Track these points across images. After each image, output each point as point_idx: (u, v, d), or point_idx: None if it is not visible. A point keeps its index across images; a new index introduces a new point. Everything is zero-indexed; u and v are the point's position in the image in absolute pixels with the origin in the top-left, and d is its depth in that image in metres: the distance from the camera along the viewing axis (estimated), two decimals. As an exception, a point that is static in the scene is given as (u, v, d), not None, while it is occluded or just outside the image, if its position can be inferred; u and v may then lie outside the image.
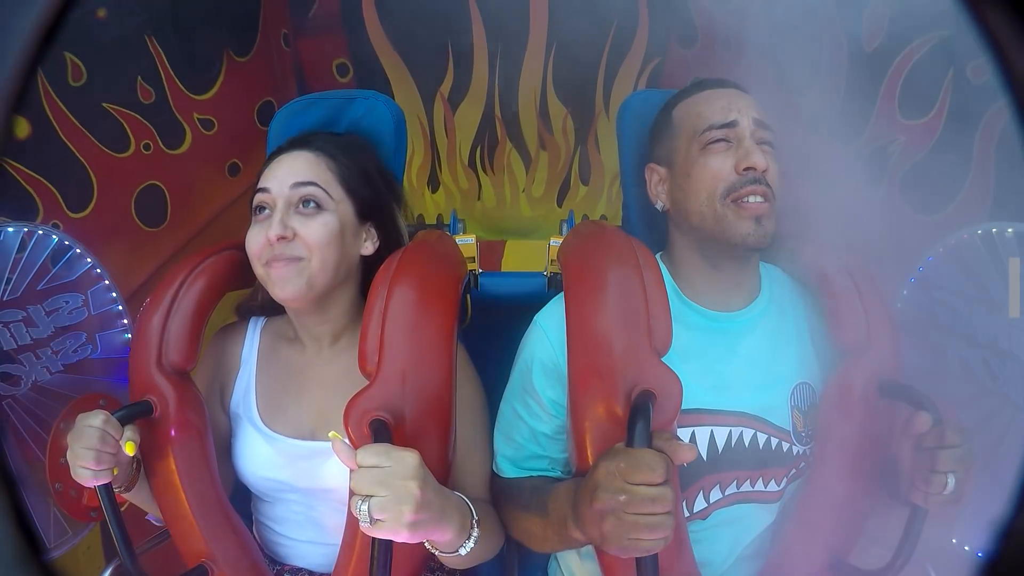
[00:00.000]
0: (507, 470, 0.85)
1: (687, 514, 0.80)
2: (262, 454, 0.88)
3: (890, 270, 0.96)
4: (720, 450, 0.80)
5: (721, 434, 0.80)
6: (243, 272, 0.88)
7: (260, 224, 0.84)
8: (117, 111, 1.30)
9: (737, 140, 0.80)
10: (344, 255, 0.85)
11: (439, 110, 2.00)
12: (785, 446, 0.82)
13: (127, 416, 0.77)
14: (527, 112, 1.98)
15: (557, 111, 1.98)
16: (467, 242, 1.15)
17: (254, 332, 0.94)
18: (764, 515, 0.83)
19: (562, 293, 0.80)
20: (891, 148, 1.11)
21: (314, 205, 0.83)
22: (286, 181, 0.83)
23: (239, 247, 0.87)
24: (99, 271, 1.08)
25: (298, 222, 0.82)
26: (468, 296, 1.04)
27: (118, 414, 0.76)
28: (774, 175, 0.79)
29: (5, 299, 0.97)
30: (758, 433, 0.81)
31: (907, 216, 1.06)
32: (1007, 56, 0.39)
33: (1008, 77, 0.40)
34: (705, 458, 0.80)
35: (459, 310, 0.82)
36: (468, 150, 2.06)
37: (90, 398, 1.04)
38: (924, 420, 0.70)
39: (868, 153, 1.13)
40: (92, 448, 0.72)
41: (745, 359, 0.82)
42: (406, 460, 0.63)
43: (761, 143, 0.80)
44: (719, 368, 0.82)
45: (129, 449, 0.74)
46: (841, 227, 0.83)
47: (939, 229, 0.97)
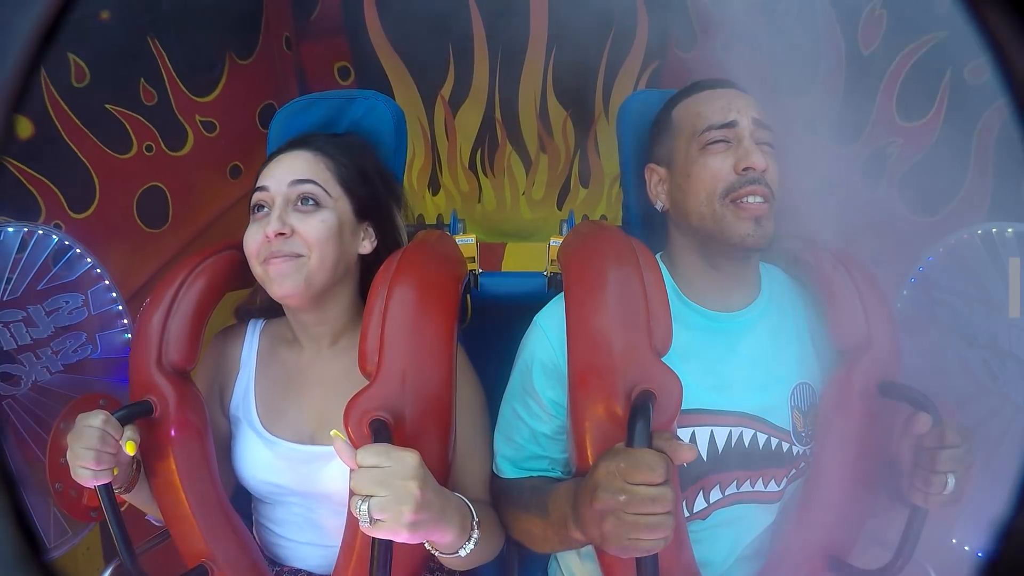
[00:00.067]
0: (507, 470, 0.85)
1: (687, 514, 0.80)
2: (261, 458, 0.87)
3: (890, 270, 0.96)
4: (720, 450, 0.80)
5: (721, 434, 0.80)
6: (243, 272, 0.88)
7: (258, 222, 0.84)
8: (119, 112, 1.31)
9: (736, 140, 0.80)
10: (342, 253, 0.85)
11: (440, 112, 2.00)
12: (785, 446, 0.82)
13: (127, 416, 0.77)
14: (527, 115, 1.98)
15: (557, 114, 1.98)
16: (467, 242, 1.15)
17: (253, 334, 0.94)
18: (764, 515, 0.83)
19: (562, 293, 0.80)
20: (889, 150, 1.12)
21: (312, 203, 0.83)
22: (284, 179, 0.83)
23: (239, 247, 0.87)
24: (99, 271, 1.08)
25: (296, 219, 0.82)
26: (468, 296, 1.04)
27: (118, 414, 0.76)
28: (774, 175, 0.79)
29: (5, 299, 0.97)
30: (758, 433, 0.81)
31: (906, 217, 1.07)
32: (1007, 56, 0.39)
33: (1008, 77, 0.40)
34: (705, 458, 0.80)
35: (459, 310, 0.82)
36: (468, 153, 2.06)
37: (90, 398, 1.04)
38: (924, 420, 0.70)
39: (867, 155, 1.14)
40: (92, 448, 0.72)
41: (745, 359, 0.82)
42: (406, 460, 0.63)
43: (761, 143, 0.80)
44: (719, 368, 0.82)
45: (129, 449, 0.74)
46: (840, 227, 0.83)
47: (938, 230, 0.98)
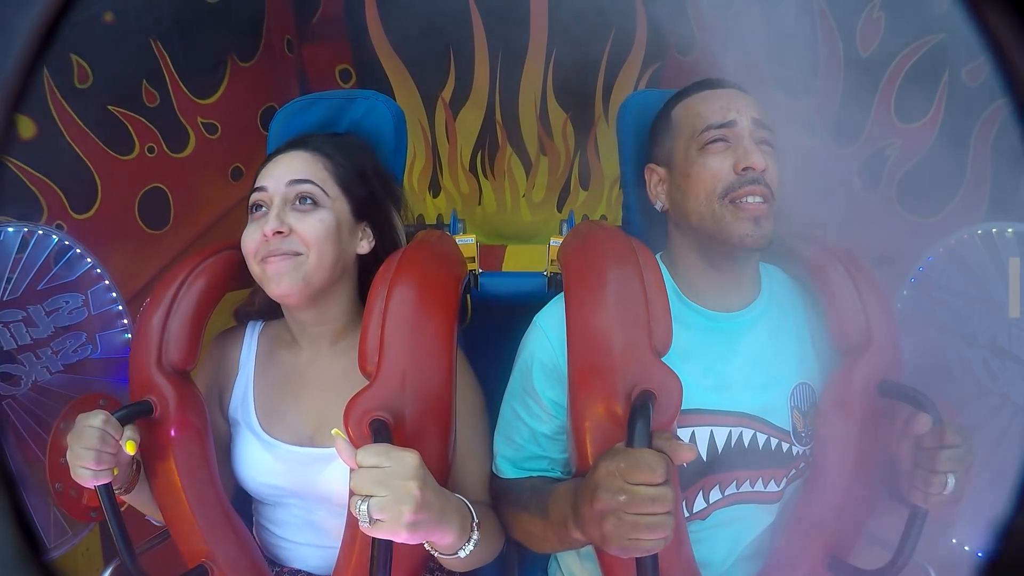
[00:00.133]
0: (507, 471, 0.85)
1: (687, 514, 0.80)
2: (261, 461, 0.87)
3: (890, 270, 0.96)
4: (720, 450, 0.80)
5: (721, 434, 0.80)
6: (243, 272, 0.88)
7: (256, 222, 0.84)
8: (122, 114, 1.32)
9: (736, 140, 0.79)
10: (340, 253, 0.85)
11: (440, 115, 2.01)
12: (785, 446, 0.82)
13: (127, 416, 0.77)
14: (527, 117, 1.99)
15: (557, 116, 1.99)
16: (467, 242, 1.15)
17: (252, 336, 0.94)
18: (764, 515, 0.83)
19: (562, 293, 0.80)
20: (888, 151, 1.12)
21: (310, 202, 0.83)
22: (282, 179, 0.84)
23: (239, 247, 0.87)
24: (99, 271, 1.08)
25: (294, 218, 0.82)
26: (468, 296, 1.04)
27: (118, 414, 0.76)
28: (773, 175, 0.79)
29: (5, 299, 0.97)
30: (758, 433, 0.81)
31: (905, 218, 1.07)
32: (1007, 56, 0.39)
33: (1008, 77, 0.40)
34: (705, 458, 0.79)
35: (459, 310, 0.82)
36: (469, 155, 2.07)
37: (90, 398, 1.04)
38: (924, 421, 0.70)
39: (866, 156, 1.14)
40: (92, 448, 0.72)
41: (745, 359, 0.82)
42: (406, 460, 0.63)
43: (760, 143, 0.79)
44: (719, 368, 0.81)
45: (130, 448, 0.74)
46: (840, 228, 0.83)
47: (936, 231, 0.98)
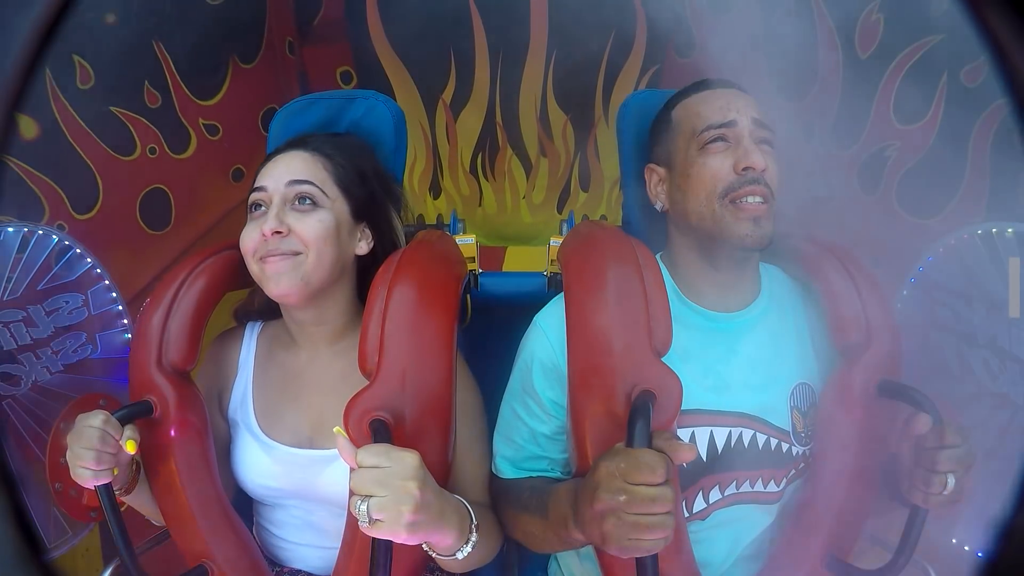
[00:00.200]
0: (507, 471, 0.85)
1: (686, 514, 0.80)
2: (260, 462, 0.87)
3: (889, 271, 0.96)
4: (720, 450, 0.80)
5: (721, 434, 0.80)
6: (243, 272, 0.88)
7: (255, 221, 0.84)
8: (124, 115, 1.32)
9: (736, 140, 0.79)
10: (339, 253, 0.85)
11: (441, 116, 2.01)
12: (784, 447, 0.82)
13: (127, 416, 0.77)
14: (528, 119, 1.99)
15: (557, 117, 2.00)
16: (467, 242, 1.15)
17: (251, 337, 0.94)
18: (763, 516, 0.83)
19: (562, 293, 0.80)
20: (887, 152, 1.12)
21: (310, 202, 0.84)
22: (282, 179, 0.84)
23: (239, 247, 0.87)
24: (99, 271, 1.08)
25: (294, 218, 0.82)
26: (468, 296, 1.04)
27: (118, 414, 0.76)
28: (773, 175, 0.79)
29: (5, 299, 0.97)
30: (757, 434, 0.81)
31: (904, 218, 1.07)
32: (1007, 56, 0.39)
33: (1008, 77, 0.40)
34: (705, 458, 0.79)
35: (459, 310, 0.82)
36: (469, 156, 2.07)
37: (90, 398, 1.04)
38: (924, 421, 0.70)
39: (866, 157, 1.14)
40: (92, 448, 0.72)
41: (745, 359, 0.82)
42: (406, 460, 0.63)
43: (760, 143, 0.79)
44: (719, 368, 0.81)
45: (130, 447, 0.74)
46: (840, 228, 0.83)
47: (936, 231, 0.98)
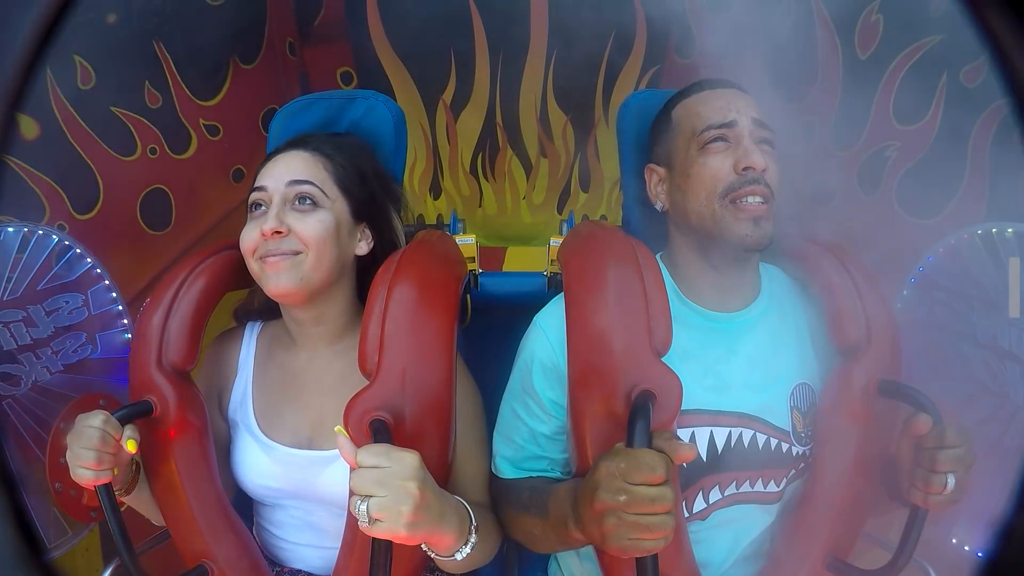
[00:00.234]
0: (507, 471, 0.85)
1: (686, 514, 0.80)
2: (259, 463, 0.87)
3: (889, 271, 0.96)
4: (720, 450, 0.80)
5: (721, 435, 0.80)
6: (243, 272, 0.89)
7: (255, 221, 0.84)
8: (124, 115, 1.32)
9: (736, 140, 0.79)
10: (339, 253, 0.85)
11: (441, 117, 2.02)
12: (784, 447, 0.82)
13: (127, 416, 0.77)
14: (528, 119, 2.00)
15: (557, 118, 2.00)
16: (467, 242, 1.16)
17: (250, 337, 0.94)
18: (763, 516, 0.83)
19: (562, 293, 0.80)
20: (887, 152, 1.12)
21: (310, 202, 0.84)
22: (282, 179, 0.84)
23: (239, 247, 0.87)
24: (99, 271, 1.08)
25: (294, 218, 0.82)
26: (468, 296, 1.04)
27: (118, 414, 0.76)
28: (773, 175, 0.79)
29: (5, 299, 0.97)
30: (757, 434, 0.81)
31: (904, 218, 1.07)
32: (1007, 56, 0.39)
33: (1008, 77, 0.40)
34: (705, 458, 0.79)
35: (459, 310, 0.82)
36: (470, 157, 2.07)
37: (90, 398, 1.04)
38: (924, 421, 0.70)
39: (866, 157, 1.14)
40: (92, 448, 0.72)
41: (745, 359, 0.82)
42: (406, 461, 0.63)
43: (760, 143, 0.79)
44: (719, 368, 0.81)
45: (130, 447, 0.74)
46: (840, 228, 0.83)
47: (936, 231, 0.98)
